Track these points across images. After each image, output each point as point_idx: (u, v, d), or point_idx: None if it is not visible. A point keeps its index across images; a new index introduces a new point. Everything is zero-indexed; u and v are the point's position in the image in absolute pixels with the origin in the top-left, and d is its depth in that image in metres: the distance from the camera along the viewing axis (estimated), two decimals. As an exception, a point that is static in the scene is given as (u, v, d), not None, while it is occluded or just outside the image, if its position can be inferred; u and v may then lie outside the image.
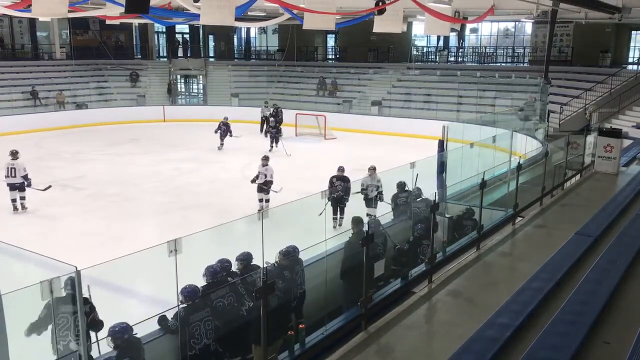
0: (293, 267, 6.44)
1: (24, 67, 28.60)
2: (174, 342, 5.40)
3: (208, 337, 5.42)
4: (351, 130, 24.66)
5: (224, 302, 5.79)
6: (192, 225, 10.80)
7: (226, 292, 5.83)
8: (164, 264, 4.61)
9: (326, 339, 5.64)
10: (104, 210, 13.66)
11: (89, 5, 13.69)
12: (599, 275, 6.77)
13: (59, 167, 17.31)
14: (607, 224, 8.85)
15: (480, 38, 33.02)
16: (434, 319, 6.48)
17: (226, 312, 5.74)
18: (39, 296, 3.80)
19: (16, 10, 10.69)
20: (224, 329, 5.66)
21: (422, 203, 8.52)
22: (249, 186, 13.83)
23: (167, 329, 5.48)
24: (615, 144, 12.47)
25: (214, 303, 5.68)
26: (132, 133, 24.58)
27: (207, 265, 6.12)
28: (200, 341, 5.36)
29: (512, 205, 9.44)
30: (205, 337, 5.40)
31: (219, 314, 5.65)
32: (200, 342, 5.36)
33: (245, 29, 35.59)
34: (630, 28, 26.23)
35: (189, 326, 5.34)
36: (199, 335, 5.36)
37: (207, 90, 31.89)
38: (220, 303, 5.75)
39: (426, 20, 12.94)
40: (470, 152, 11.32)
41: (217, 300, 5.74)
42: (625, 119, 20.14)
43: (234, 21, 8.89)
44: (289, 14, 11.41)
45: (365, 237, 5.95)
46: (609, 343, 5.45)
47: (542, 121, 20.14)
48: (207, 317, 5.47)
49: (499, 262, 7.98)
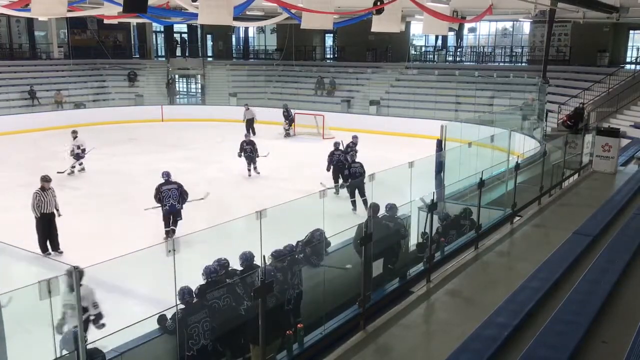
0: (291, 267, 6.45)
1: (21, 67, 28.55)
2: (171, 342, 5.41)
3: (206, 338, 5.43)
4: (349, 130, 24.56)
5: (219, 303, 5.78)
6: (191, 224, 10.80)
7: (223, 293, 5.83)
8: (163, 263, 4.61)
9: (325, 339, 5.64)
10: (102, 209, 13.65)
11: (87, 4, 13.70)
12: (597, 275, 6.78)
13: (56, 167, 17.29)
14: (605, 223, 8.85)
15: (479, 37, 33.07)
16: (433, 318, 6.48)
17: (223, 312, 5.74)
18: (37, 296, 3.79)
19: (14, 9, 10.66)
20: (221, 329, 5.66)
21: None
22: (247, 185, 13.83)
23: (165, 330, 5.49)
24: (613, 143, 12.47)
25: (210, 303, 5.69)
26: (130, 133, 24.54)
27: (206, 265, 6.13)
28: (198, 342, 5.37)
29: (510, 205, 9.45)
30: (203, 338, 5.41)
31: (216, 314, 5.66)
32: (198, 343, 5.37)
33: (243, 29, 35.57)
34: (628, 27, 26.25)
35: (187, 327, 5.34)
36: (197, 336, 5.36)
37: (205, 89, 31.86)
38: (215, 304, 5.75)
39: (424, 20, 12.94)
40: (468, 151, 11.33)
41: (213, 300, 5.74)
42: (623, 119, 20.16)
43: (232, 21, 8.89)
44: (287, 14, 11.40)
45: (363, 237, 5.95)
46: (607, 342, 5.46)
47: (540, 120, 20.16)
48: (204, 317, 5.47)
49: (497, 262, 7.99)
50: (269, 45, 36.65)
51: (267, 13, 19.70)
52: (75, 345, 4.33)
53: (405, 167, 8.86)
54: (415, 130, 23.26)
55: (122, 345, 5.29)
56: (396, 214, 7.66)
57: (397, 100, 27.25)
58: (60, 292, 3.87)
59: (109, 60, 30.61)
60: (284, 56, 31.69)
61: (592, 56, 25.41)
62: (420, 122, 23.82)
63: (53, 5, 8.16)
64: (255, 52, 37.65)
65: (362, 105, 27.73)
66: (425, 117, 24.42)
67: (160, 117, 28.00)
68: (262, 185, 16.28)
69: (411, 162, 8.72)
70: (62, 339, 4.45)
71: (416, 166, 8.86)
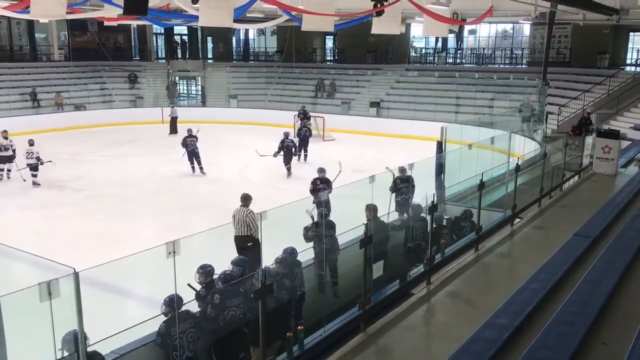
0: (292, 270, 6.45)
1: (22, 69, 28.58)
2: (155, 352, 5.37)
3: (190, 350, 5.37)
4: (350, 132, 24.67)
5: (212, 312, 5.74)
6: (191, 226, 10.80)
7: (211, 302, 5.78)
8: (163, 265, 4.60)
9: (325, 340, 5.63)
10: (103, 211, 13.65)
11: (88, 6, 13.69)
12: (597, 276, 6.77)
13: (57, 168, 17.31)
14: (606, 225, 8.85)
15: (479, 39, 33.08)
16: (433, 320, 6.48)
17: (211, 322, 5.70)
18: (38, 298, 3.79)
19: (15, 11, 10.67)
20: (209, 340, 5.63)
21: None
22: (247, 187, 13.81)
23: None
24: (614, 145, 12.48)
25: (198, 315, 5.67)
26: (131, 134, 24.57)
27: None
28: (182, 354, 5.31)
29: (510, 207, 9.45)
30: (188, 350, 5.35)
31: (205, 325, 5.63)
32: (182, 354, 5.31)
33: (243, 31, 35.59)
34: (628, 29, 26.28)
35: (170, 338, 5.29)
36: (181, 348, 5.30)
37: (205, 91, 31.88)
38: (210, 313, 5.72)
39: (424, 22, 12.96)
40: (468, 153, 11.32)
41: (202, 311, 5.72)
42: (623, 120, 20.16)
43: (233, 22, 8.91)
44: (288, 16, 11.41)
45: (363, 239, 5.95)
46: (607, 344, 5.46)
47: (541, 122, 20.16)
48: (189, 328, 5.41)
49: (497, 263, 7.99)
50: (269, 47, 36.67)
51: (268, 15, 19.70)
52: (76, 347, 4.32)
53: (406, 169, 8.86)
54: (415, 132, 23.27)
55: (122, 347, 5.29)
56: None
57: (397, 102, 27.25)
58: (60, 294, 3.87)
59: (109, 62, 30.62)
60: (284, 58, 31.70)
61: (592, 58, 25.41)
62: (421, 124, 23.84)
63: (52, 6, 8.18)
64: (256, 54, 37.67)
65: (362, 107, 27.74)
66: (426, 119, 24.45)
67: (161, 119, 28.01)
68: (262, 186, 16.28)
69: (411, 163, 8.75)
70: (62, 340, 4.45)
71: (416, 168, 8.89)
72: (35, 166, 15.91)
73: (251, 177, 17.25)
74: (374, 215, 7.35)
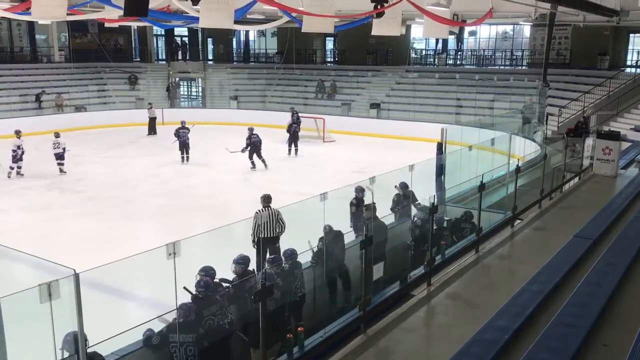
0: (292, 271, 6.44)
1: (22, 70, 28.58)
2: (155, 353, 5.34)
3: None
4: (350, 133, 24.67)
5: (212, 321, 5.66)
6: (192, 227, 10.80)
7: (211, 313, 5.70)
8: (163, 266, 4.60)
9: (325, 342, 5.63)
10: (103, 212, 13.65)
11: (88, 8, 13.71)
12: (597, 278, 6.77)
13: (55, 169, 17.33)
14: (606, 226, 8.86)
15: (479, 41, 33.08)
16: (433, 321, 6.48)
17: (212, 331, 5.62)
18: (38, 299, 3.79)
19: (15, 13, 10.68)
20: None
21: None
22: (247, 188, 13.84)
23: (149, 343, 5.35)
24: (614, 146, 12.49)
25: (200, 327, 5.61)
26: (131, 136, 24.57)
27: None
28: None
29: (510, 208, 9.45)
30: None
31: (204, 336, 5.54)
32: None
33: (244, 32, 35.61)
34: (628, 31, 26.28)
35: (168, 346, 5.23)
36: (177, 359, 5.23)
37: (206, 93, 31.89)
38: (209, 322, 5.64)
39: (425, 23, 12.96)
40: (468, 154, 11.33)
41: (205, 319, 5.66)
42: (624, 122, 20.15)
43: (233, 24, 8.90)
44: (288, 17, 11.41)
45: (364, 241, 5.95)
46: (608, 345, 5.45)
47: (541, 124, 20.16)
48: (188, 341, 5.32)
49: (497, 265, 7.99)
50: (269, 49, 36.69)
51: (268, 16, 19.69)
52: (76, 348, 4.31)
53: (406, 170, 8.88)
54: (415, 134, 23.25)
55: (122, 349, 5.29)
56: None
57: (397, 104, 27.25)
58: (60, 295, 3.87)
59: (109, 63, 30.61)
60: (285, 59, 31.69)
61: (592, 59, 25.43)
62: (421, 125, 23.82)
63: (53, 8, 8.19)
64: (256, 56, 37.68)
65: (363, 108, 27.74)
66: (426, 120, 24.44)
67: (161, 120, 27.99)
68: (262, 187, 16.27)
69: (411, 165, 8.74)
70: (62, 341, 4.44)
71: (416, 169, 8.89)
72: (62, 155, 17.42)
73: (251, 179, 17.24)
74: (374, 216, 7.36)
